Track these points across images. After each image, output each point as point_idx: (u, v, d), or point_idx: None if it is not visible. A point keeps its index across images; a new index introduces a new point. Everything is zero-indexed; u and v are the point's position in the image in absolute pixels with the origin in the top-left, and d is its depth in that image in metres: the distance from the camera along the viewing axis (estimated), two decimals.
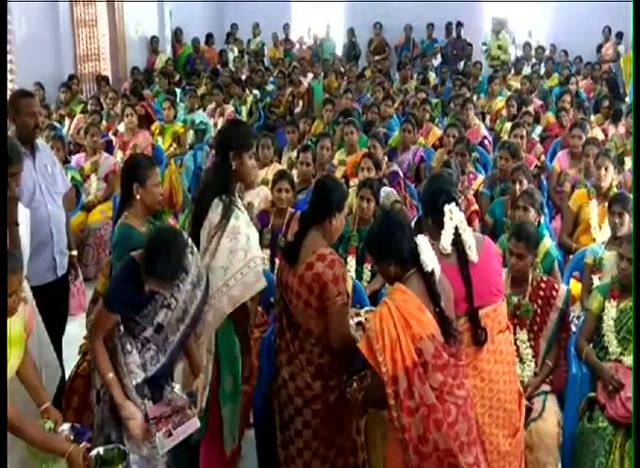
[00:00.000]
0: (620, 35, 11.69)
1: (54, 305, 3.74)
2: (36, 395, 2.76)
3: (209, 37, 13.16)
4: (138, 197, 3.11)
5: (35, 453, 2.62)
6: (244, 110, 9.01)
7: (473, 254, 2.84)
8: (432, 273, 2.59)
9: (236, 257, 2.97)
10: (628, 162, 5.74)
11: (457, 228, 2.84)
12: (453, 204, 2.88)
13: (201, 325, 2.98)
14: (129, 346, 2.75)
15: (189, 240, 2.86)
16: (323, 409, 2.91)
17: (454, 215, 2.85)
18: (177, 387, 2.83)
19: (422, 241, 2.63)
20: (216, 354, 3.12)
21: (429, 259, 2.58)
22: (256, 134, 4.93)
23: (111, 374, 2.72)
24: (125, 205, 3.23)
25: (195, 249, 2.91)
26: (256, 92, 9.66)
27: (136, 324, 2.75)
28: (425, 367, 2.49)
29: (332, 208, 2.91)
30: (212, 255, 2.99)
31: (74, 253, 4.04)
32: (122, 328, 2.76)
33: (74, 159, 6.44)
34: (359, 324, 3.20)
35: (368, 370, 2.70)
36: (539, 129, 7.33)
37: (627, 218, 4.01)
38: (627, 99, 8.61)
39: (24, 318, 2.69)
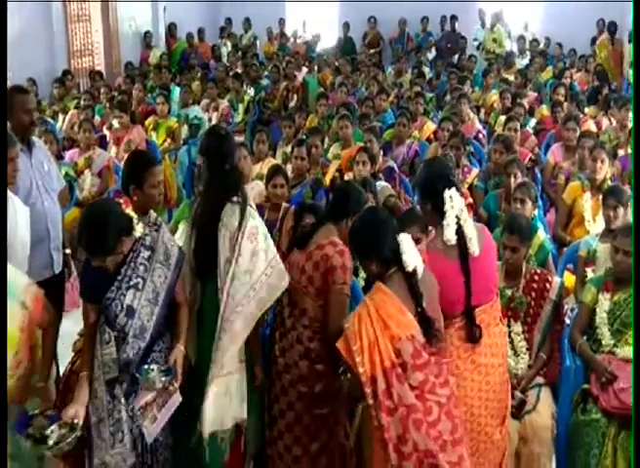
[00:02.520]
0: (613, 27, 11.66)
1: (50, 302, 3.74)
2: (41, 370, 2.78)
3: (201, 32, 13.12)
4: (134, 198, 3.07)
5: None
6: (241, 107, 9.00)
7: (474, 247, 2.80)
8: (414, 273, 2.57)
9: (259, 259, 2.92)
10: (620, 153, 5.75)
11: (457, 218, 2.79)
12: (453, 189, 2.83)
13: (230, 335, 2.87)
14: (107, 336, 2.72)
15: (133, 216, 2.80)
16: (308, 395, 2.94)
17: (454, 203, 2.80)
18: (154, 367, 2.72)
19: (405, 239, 2.60)
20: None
21: (411, 259, 2.56)
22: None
23: (84, 373, 2.72)
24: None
25: (164, 226, 2.87)
26: (251, 90, 9.64)
27: (108, 310, 2.71)
28: (404, 367, 2.50)
29: (350, 211, 2.97)
30: (235, 261, 2.90)
31: (67, 251, 4.04)
32: (102, 317, 2.75)
33: (68, 155, 6.41)
34: None
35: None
36: (533, 121, 7.33)
37: (622, 211, 4.01)
38: (622, 91, 8.62)
39: (21, 322, 2.69)
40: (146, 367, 2.70)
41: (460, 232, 2.79)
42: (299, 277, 2.92)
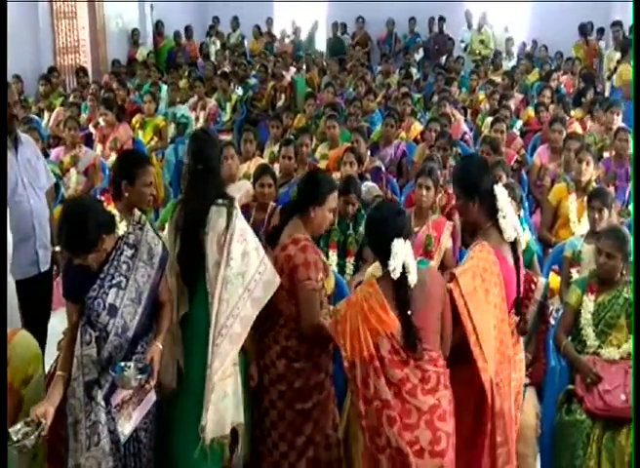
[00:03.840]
0: (601, 31, 11.77)
1: (37, 300, 3.72)
2: None
3: (188, 30, 13.08)
4: (125, 194, 3.04)
5: None
6: (228, 106, 8.97)
7: (523, 243, 2.90)
8: (401, 280, 2.54)
9: (251, 259, 2.89)
10: (605, 155, 5.80)
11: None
12: (500, 185, 2.84)
13: (229, 338, 2.84)
14: (87, 337, 2.68)
15: (116, 213, 2.77)
16: (288, 392, 2.97)
17: (505, 199, 2.79)
18: (131, 365, 2.66)
19: (398, 245, 2.56)
20: None
21: (397, 265, 2.53)
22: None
23: (60, 373, 2.68)
24: (114, 199, 3.16)
25: (148, 225, 2.83)
26: (239, 89, 9.61)
27: (90, 309, 2.68)
28: (382, 361, 2.51)
29: (314, 199, 2.98)
30: (226, 265, 2.85)
31: (57, 248, 4.01)
32: (84, 317, 2.71)
33: (53, 152, 6.37)
34: None
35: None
36: (519, 123, 7.37)
37: (606, 213, 4.04)
38: (606, 94, 8.70)
39: None
40: (123, 364, 2.66)
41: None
42: None
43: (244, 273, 2.86)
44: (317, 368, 3.02)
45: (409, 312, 2.54)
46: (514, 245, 2.84)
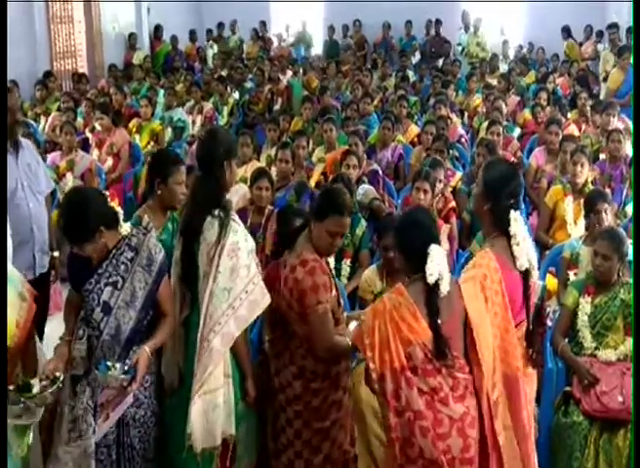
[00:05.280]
0: (600, 34, 11.80)
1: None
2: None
3: (192, 34, 13.08)
4: (158, 192, 3.08)
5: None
6: (225, 110, 8.98)
7: (535, 275, 2.83)
8: (436, 285, 2.51)
9: (239, 276, 2.80)
10: (602, 157, 5.81)
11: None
12: (517, 213, 2.75)
13: (209, 353, 2.80)
14: (81, 332, 2.72)
15: (119, 210, 2.78)
16: (305, 413, 2.88)
17: (520, 226, 2.73)
18: (117, 365, 2.64)
19: (435, 250, 2.53)
20: None
21: (435, 270, 2.49)
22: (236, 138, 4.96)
23: (65, 337, 2.76)
24: (147, 198, 3.25)
25: (153, 232, 2.82)
26: (236, 93, 9.62)
27: (86, 303, 2.70)
28: (415, 371, 2.46)
29: (313, 213, 2.89)
30: (213, 278, 2.79)
31: (56, 253, 4.01)
32: (82, 312, 2.75)
33: (50, 158, 6.36)
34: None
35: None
36: (517, 130, 7.35)
37: (603, 216, 4.03)
38: (601, 96, 8.71)
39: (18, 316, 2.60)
40: (110, 363, 2.63)
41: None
42: (280, 302, 2.86)
43: (230, 289, 2.79)
44: (335, 386, 2.92)
45: (439, 321, 2.49)
46: (526, 275, 2.76)
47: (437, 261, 2.50)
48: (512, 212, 2.72)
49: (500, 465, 2.60)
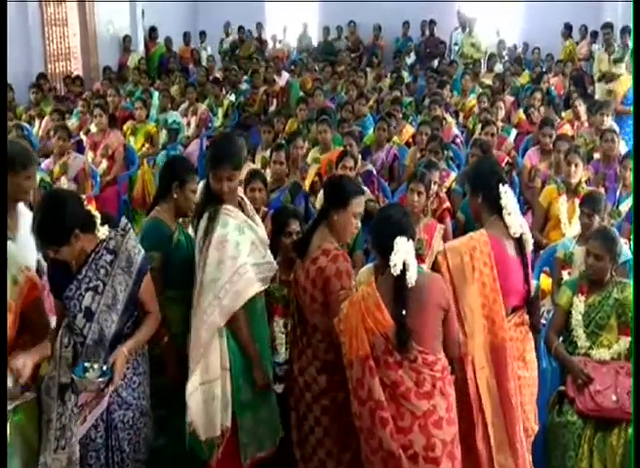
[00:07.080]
0: (594, 34, 11.83)
1: None
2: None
3: (186, 36, 13.08)
4: (174, 196, 3.13)
5: None
6: (220, 112, 8.97)
7: (530, 243, 2.94)
8: (401, 277, 2.55)
9: (225, 267, 2.86)
10: (596, 156, 5.82)
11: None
12: (507, 186, 2.93)
13: (196, 340, 2.86)
14: (66, 340, 2.70)
15: (96, 215, 2.74)
16: (332, 407, 2.92)
17: (509, 198, 2.90)
18: (95, 366, 2.60)
19: (402, 243, 2.58)
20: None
21: (399, 262, 2.55)
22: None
23: (48, 341, 2.72)
24: (158, 201, 3.27)
25: (132, 233, 2.78)
26: (231, 95, 9.61)
27: (68, 310, 2.68)
28: (377, 361, 2.53)
29: (334, 203, 2.94)
30: (202, 270, 2.87)
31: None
32: (65, 320, 2.73)
33: (44, 164, 6.27)
34: None
35: None
36: (514, 132, 7.36)
37: (597, 219, 4.03)
38: (596, 96, 8.73)
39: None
40: (87, 364, 2.60)
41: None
42: (302, 296, 2.91)
43: (217, 280, 2.86)
44: None
45: (403, 312, 2.53)
46: (520, 242, 2.90)
47: (402, 253, 2.56)
48: (501, 186, 2.90)
49: (484, 428, 2.70)
